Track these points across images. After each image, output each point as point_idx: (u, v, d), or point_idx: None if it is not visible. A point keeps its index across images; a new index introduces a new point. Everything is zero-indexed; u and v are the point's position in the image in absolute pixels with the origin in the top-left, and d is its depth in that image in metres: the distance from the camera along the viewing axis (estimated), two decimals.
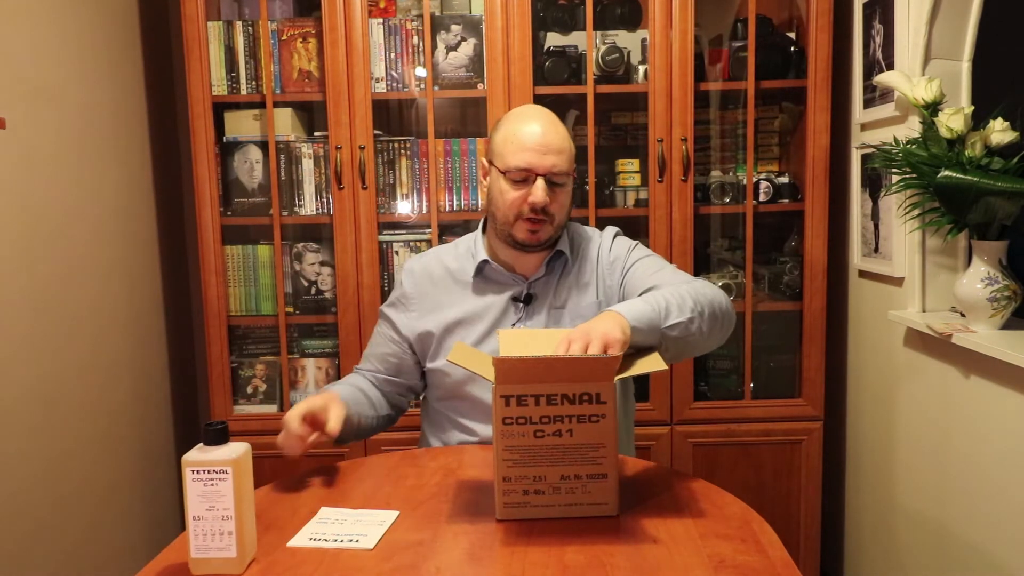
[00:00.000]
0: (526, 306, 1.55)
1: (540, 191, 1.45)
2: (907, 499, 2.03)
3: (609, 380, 1.14)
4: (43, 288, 1.91)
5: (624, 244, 1.60)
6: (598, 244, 1.60)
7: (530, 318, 1.54)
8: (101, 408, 2.15)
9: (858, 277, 2.28)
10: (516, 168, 1.46)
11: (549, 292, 1.56)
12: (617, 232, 1.64)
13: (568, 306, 1.55)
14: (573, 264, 1.58)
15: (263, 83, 2.28)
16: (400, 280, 1.64)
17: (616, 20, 2.32)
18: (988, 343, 1.61)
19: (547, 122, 1.49)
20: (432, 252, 1.67)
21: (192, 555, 1.02)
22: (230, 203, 2.35)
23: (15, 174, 1.81)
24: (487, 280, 1.57)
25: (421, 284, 1.60)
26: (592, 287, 1.56)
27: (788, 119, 2.43)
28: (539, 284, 1.56)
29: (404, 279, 1.62)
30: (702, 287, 1.40)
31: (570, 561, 1.04)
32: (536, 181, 1.45)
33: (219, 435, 1.01)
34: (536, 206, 1.45)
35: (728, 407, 2.34)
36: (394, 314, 1.62)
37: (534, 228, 1.48)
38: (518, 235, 1.50)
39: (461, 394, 1.54)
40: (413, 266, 1.63)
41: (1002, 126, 1.68)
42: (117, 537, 2.21)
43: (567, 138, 1.50)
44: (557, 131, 1.48)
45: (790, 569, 1.02)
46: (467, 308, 1.56)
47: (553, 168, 1.45)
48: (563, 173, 1.47)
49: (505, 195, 1.48)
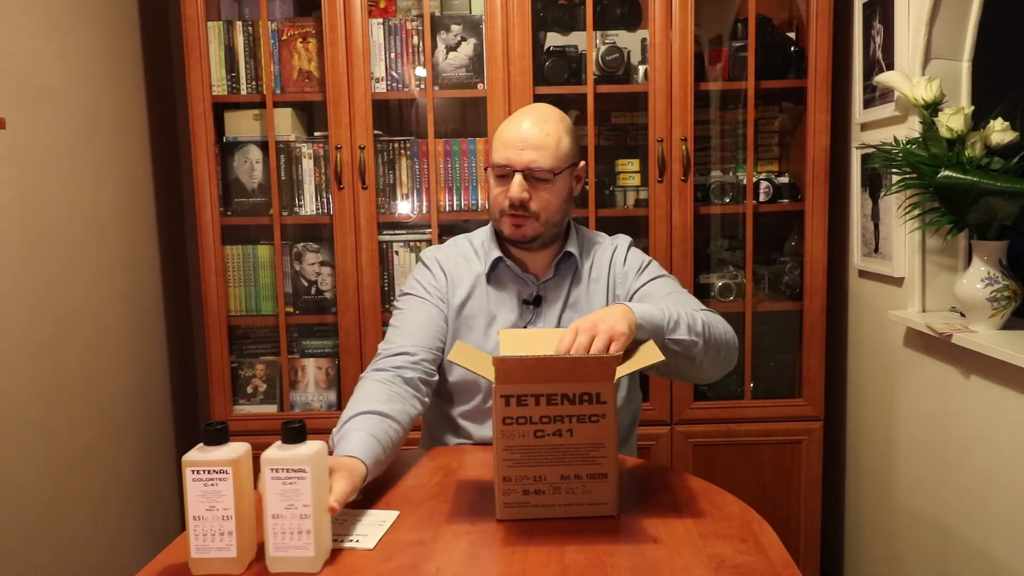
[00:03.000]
0: (536, 308, 1.55)
1: (516, 186, 1.46)
2: (907, 499, 2.03)
3: (609, 380, 1.14)
4: (43, 288, 1.91)
5: (639, 257, 1.61)
6: (611, 250, 1.60)
7: (540, 319, 1.55)
8: (101, 408, 2.15)
9: (858, 277, 2.28)
10: (497, 164, 1.49)
11: (559, 295, 1.56)
12: (632, 243, 1.64)
13: (579, 309, 1.55)
14: (583, 267, 1.58)
15: (263, 83, 2.28)
16: (422, 265, 1.60)
17: (616, 20, 2.32)
18: (988, 343, 1.61)
19: (534, 119, 1.48)
20: (449, 244, 1.65)
21: (192, 555, 1.02)
22: (230, 203, 2.35)
23: (15, 174, 1.81)
24: (500, 277, 1.58)
25: (447, 269, 1.58)
26: (603, 293, 1.57)
27: (788, 119, 2.43)
28: (549, 286, 1.57)
29: (428, 264, 1.59)
30: (716, 318, 1.42)
31: (570, 561, 1.04)
32: (514, 176, 1.47)
33: (219, 435, 1.01)
34: (513, 201, 1.47)
35: (728, 407, 2.34)
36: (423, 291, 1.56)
37: (517, 223, 1.49)
38: (504, 230, 1.52)
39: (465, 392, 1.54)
40: (436, 254, 1.61)
41: (1002, 126, 1.68)
42: (117, 537, 2.21)
43: (554, 135, 1.47)
44: (543, 128, 1.47)
45: (790, 569, 1.02)
46: (483, 303, 1.56)
47: (531, 164, 1.46)
48: (543, 169, 1.46)
49: (492, 191, 1.53)
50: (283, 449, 1.01)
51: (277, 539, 1.02)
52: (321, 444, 1.04)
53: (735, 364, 1.47)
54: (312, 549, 1.01)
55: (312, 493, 1.00)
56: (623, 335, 1.21)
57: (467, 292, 1.56)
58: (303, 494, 1.00)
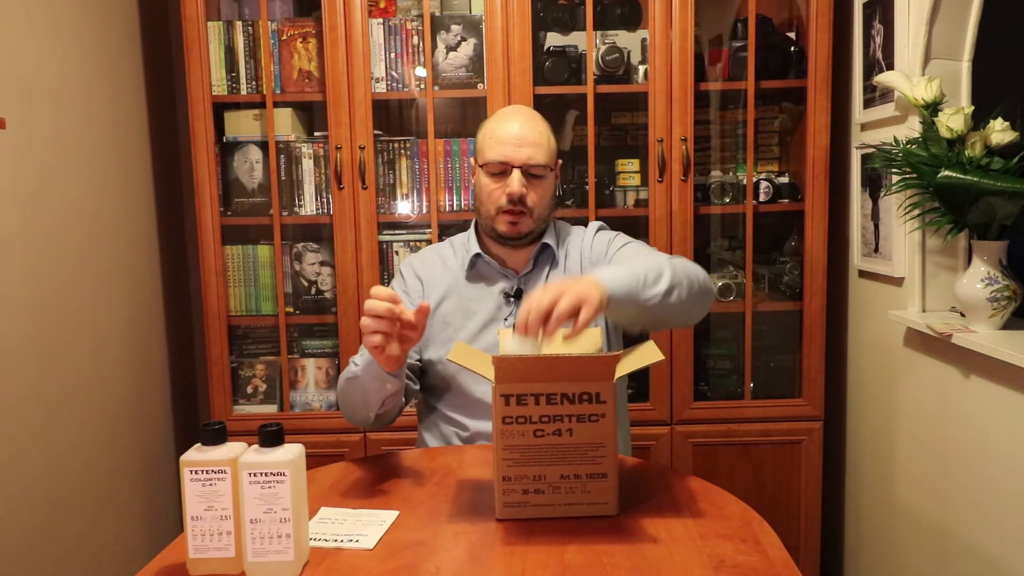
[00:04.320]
0: (517, 300, 1.57)
1: (516, 182, 1.50)
2: (907, 499, 2.03)
3: (609, 380, 1.14)
4: (43, 288, 1.91)
5: (605, 236, 1.63)
6: (581, 239, 1.64)
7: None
8: (101, 408, 2.15)
9: (858, 277, 2.28)
10: (494, 161, 1.52)
11: (539, 286, 1.56)
12: (601, 226, 1.66)
13: None
14: (559, 256, 1.61)
15: (263, 83, 2.28)
16: (399, 273, 1.66)
17: (616, 20, 2.32)
18: (988, 343, 1.61)
19: (525, 119, 1.55)
20: (428, 249, 1.71)
21: (190, 555, 1.02)
22: (230, 203, 2.35)
23: (15, 174, 1.81)
24: (479, 274, 1.61)
25: (422, 275, 1.63)
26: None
27: (788, 119, 2.43)
28: (528, 279, 1.60)
29: (404, 272, 1.65)
30: (680, 261, 1.41)
31: (570, 561, 1.04)
32: (512, 173, 1.51)
33: (217, 435, 1.01)
34: (513, 196, 1.50)
35: (728, 407, 2.34)
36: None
37: (514, 220, 1.53)
38: (499, 228, 1.54)
39: (454, 388, 1.55)
40: (412, 261, 1.67)
41: (1002, 126, 1.68)
42: (117, 537, 2.21)
43: (545, 134, 1.55)
44: (534, 127, 1.54)
45: (790, 569, 1.02)
46: (461, 301, 1.58)
47: (529, 160, 1.51)
48: (539, 165, 1.52)
49: (485, 189, 1.55)
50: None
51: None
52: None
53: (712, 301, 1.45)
54: (292, 553, 1.00)
55: (291, 496, 0.99)
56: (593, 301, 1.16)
57: (444, 291, 1.60)
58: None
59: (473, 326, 1.56)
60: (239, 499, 1.00)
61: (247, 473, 0.98)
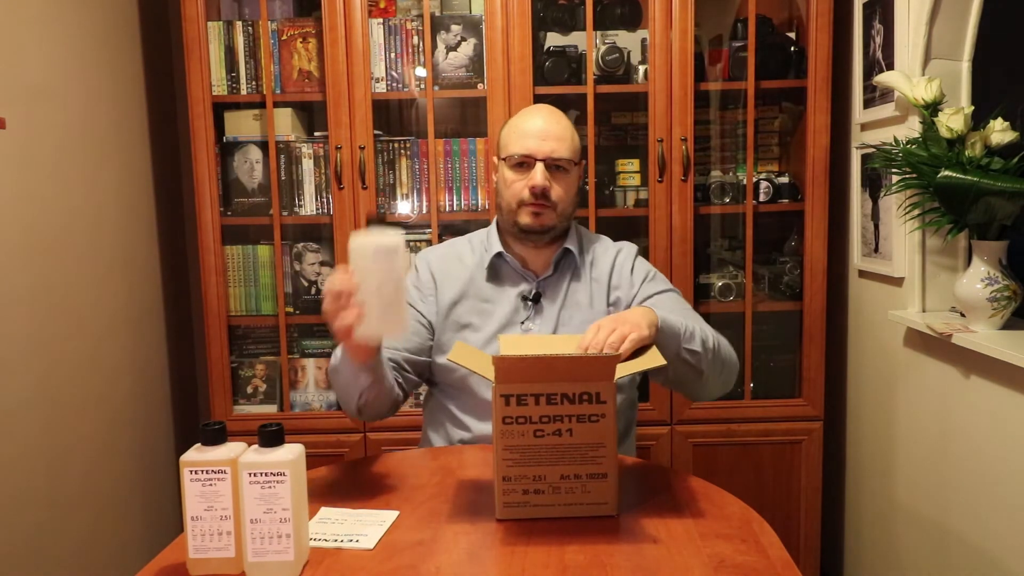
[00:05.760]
0: (535, 304, 1.55)
1: (539, 174, 1.50)
2: (907, 499, 2.03)
3: (609, 380, 1.14)
4: (43, 288, 1.91)
5: (646, 266, 1.64)
6: (615, 253, 1.63)
7: (539, 316, 1.55)
8: (101, 408, 2.15)
9: (858, 277, 2.27)
10: (517, 154, 1.52)
11: (559, 292, 1.57)
12: (639, 251, 1.67)
13: (580, 306, 1.56)
14: (582, 265, 1.59)
15: (263, 83, 2.28)
16: (413, 266, 1.63)
17: (616, 20, 2.32)
18: (988, 343, 1.61)
19: (548, 114, 1.56)
20: (444, 244, 1.68)
21: (190, 555, 1.02)
22: (230, 203, 2.35)
23: (15, 174, 1.81)
24: (499, 274, 1.59)
25: (437, 272, 1.60)
26: (602, 293, 1.58)
27: (788, 119, 2.43)
28: (548, 283, 1.58)
29: (418, 265, 1.62)
30: (722, 339, 1.48)
31: (570, 561, 1.04)
32: (536, 166, 1.51)
33: (216, 435, 1.01)
34: (535, 189, 1.50)
35: (728, 407, 2.34)
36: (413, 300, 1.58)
37: (537, 211, 1.52)
38: (522, 220, 1.53)
39: (465, 389, 1.54)
40: (428, 256, 1.64)
41: (1002, 126, 1.68)
42: (117, 537, 2.21)
43: (569, 129, 1.56)
44: (559, 122, 1.55)
45: (790, 569, 1.02)
46: (477, 302, 1.56)
47: (552, 153, 1.51)
48: (563, 159, 1.53)
49: (508, 182, 1.54)
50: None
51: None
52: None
53: (731, 387, 1.53)
54: (292, 553, 1.00)
55: (292, 497, 0.99)
56: (641, 335, 1.24)
57: (460, 291, 1.57)
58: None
59: (490, 328, 1.54)
60: (239, 499, 1.00)
61: (247, 473, 0.98)
